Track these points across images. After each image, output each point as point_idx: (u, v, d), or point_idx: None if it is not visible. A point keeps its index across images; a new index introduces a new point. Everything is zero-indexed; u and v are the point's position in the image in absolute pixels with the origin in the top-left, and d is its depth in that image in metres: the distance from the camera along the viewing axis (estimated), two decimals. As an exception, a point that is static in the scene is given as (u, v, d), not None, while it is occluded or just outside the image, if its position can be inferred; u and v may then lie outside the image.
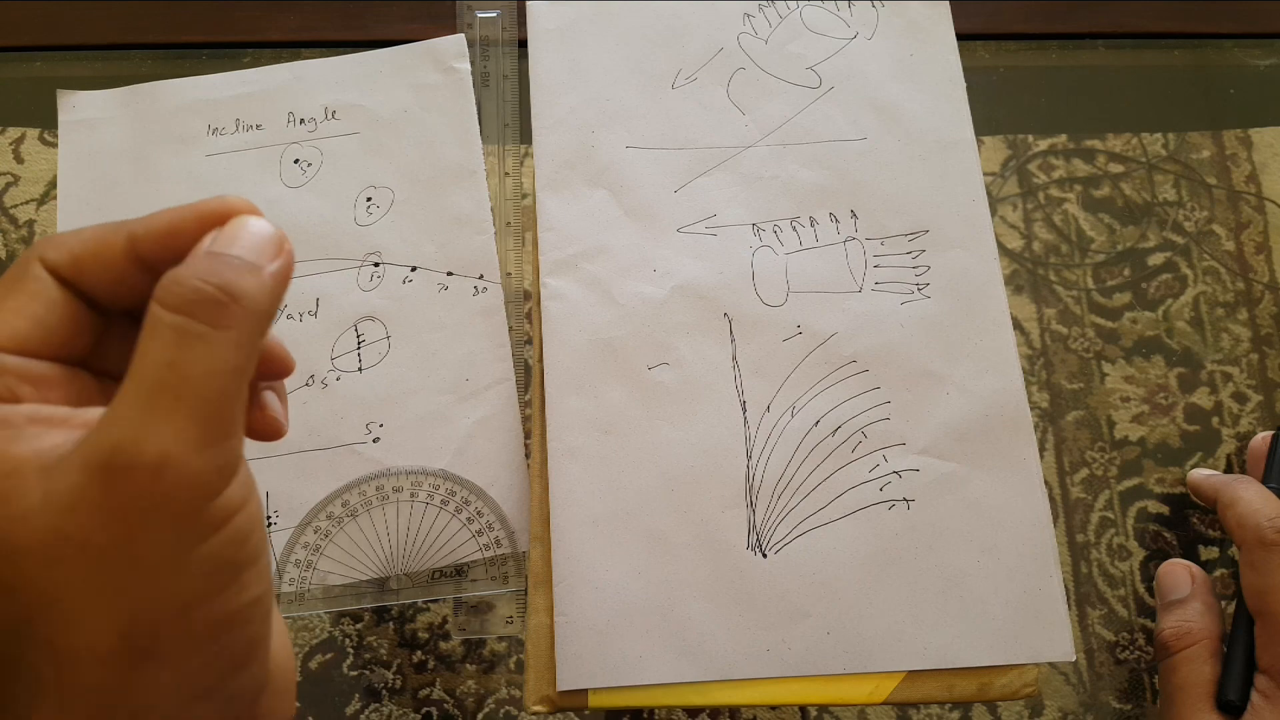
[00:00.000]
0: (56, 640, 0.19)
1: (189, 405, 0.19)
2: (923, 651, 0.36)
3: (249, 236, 0.23)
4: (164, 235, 0.23)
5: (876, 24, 0.46)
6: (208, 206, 0.23)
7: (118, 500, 0.19)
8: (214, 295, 0.21)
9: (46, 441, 0.20)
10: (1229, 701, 0.34)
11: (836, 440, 0.39)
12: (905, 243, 0.42)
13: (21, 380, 0.22)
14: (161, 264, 0.23)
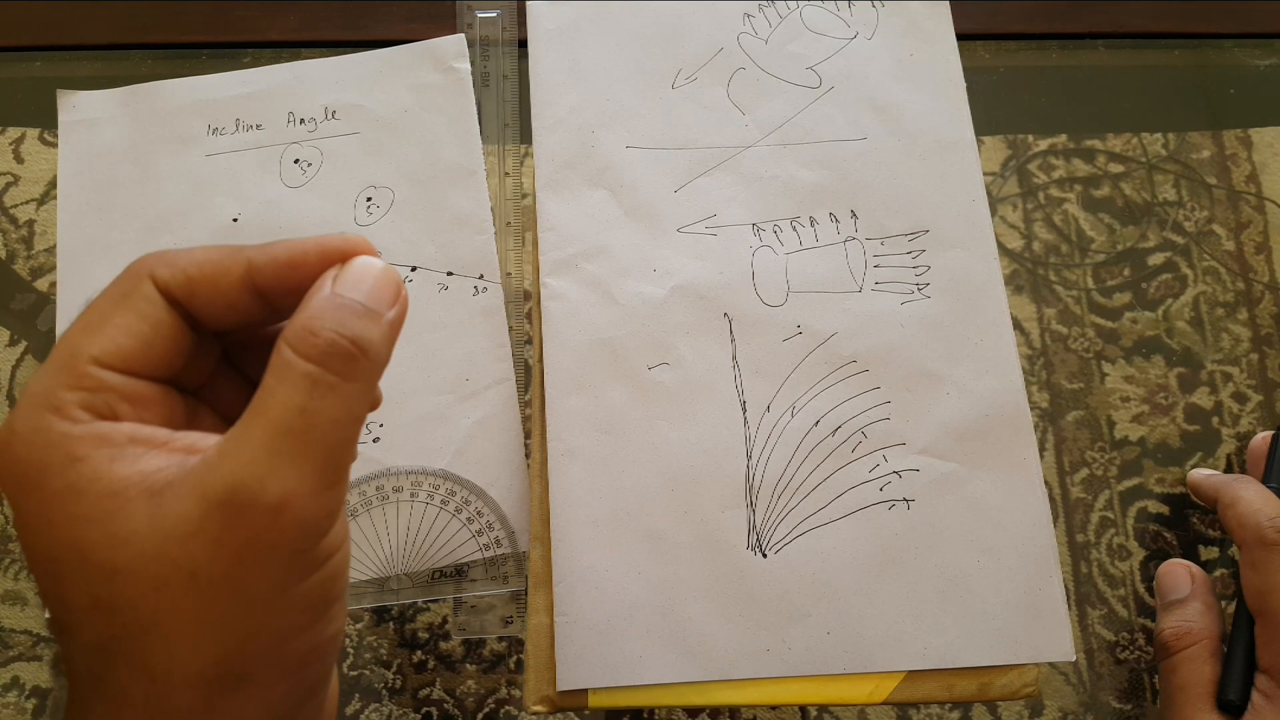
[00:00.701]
0: (151, 662, 0.20)
1: (313, 451, 0.20)
2: (923, 651, 0.36)
3: (372, 281, 0.23)
4: (284, 267, 0.23)
5: (876, 24, 0.46)
6: (330, 244, 0.23)
7: (235, 536, 0.20)
8: (348, 349, 0.21)
9: (149, 464, 0.21)
10: (1229, 701, 0.34)
11: (836, 440, 0.39)
12: (905, 243, 0.42)
13: (122, 399, 0.22)
14: (276, 295, 0.23)
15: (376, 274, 0.23)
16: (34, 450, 0.21)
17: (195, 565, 0.19)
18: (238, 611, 0.20)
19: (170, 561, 0.19)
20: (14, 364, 0.45)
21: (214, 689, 0.20)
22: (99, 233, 0.44)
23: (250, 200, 0.44)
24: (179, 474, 0.20)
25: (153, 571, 0.19)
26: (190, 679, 0.20)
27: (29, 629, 0.41)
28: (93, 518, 0.20)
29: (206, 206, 0.44)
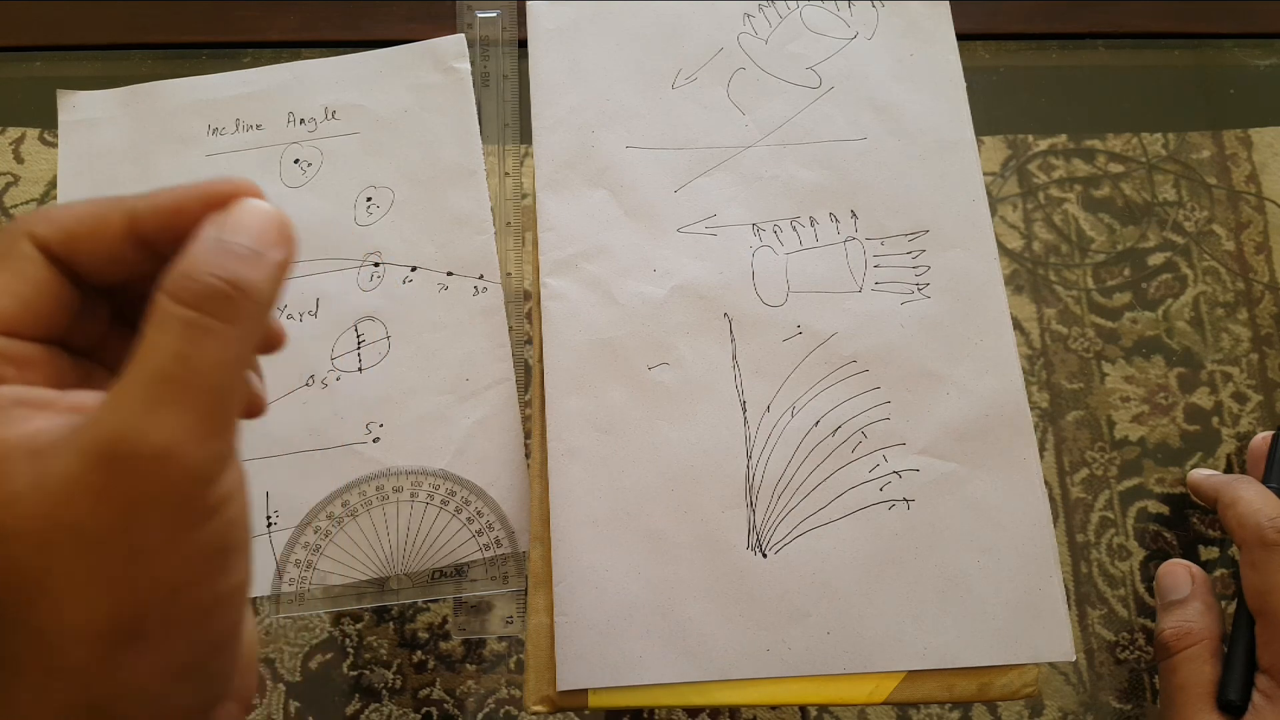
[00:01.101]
0: (41, 622, 0.19)
1: (194, 397, 0.20)
2: (923, 651, 0.36)
3: (254, 222, 0.22)
4: (167, 214, 0.23)
5: (876, 24, 0.46)
6: (213, 188, 0.23)
7: (117, 488, 0.19)
8: (225, 290, 0.21)
9: (33, 425, 0.20)
10: (1230, 701, 0.34)
11: (836, 440, 0.39)
12: (905, 243, 0.42)
13: (4, 361, 0.21)
14: (161, 244, 0.23)
15: (259, 214, 0.22)
16: None
17: (79, 521, 0.19)
18: (126, 565, 0.19)
19: (54, 520, 0.19)
20: (14, 364, 0.45)
21: (108, 645, 0.20)
22: (99, 233, 0.44)
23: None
24: (63, 433, 0.20)
25: (37, 531, 0.19)
26: (84, 637, 0.19)
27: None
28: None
29: (206, 206, 0.44)
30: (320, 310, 0.42)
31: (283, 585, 0.39)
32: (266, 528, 0.40)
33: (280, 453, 0.40)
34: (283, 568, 0.39)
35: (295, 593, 0.39)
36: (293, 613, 0.39)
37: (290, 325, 0.42)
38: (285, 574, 0.39)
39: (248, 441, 0.40)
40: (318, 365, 0.42)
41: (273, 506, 0.40)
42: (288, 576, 0.39)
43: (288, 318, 0.42)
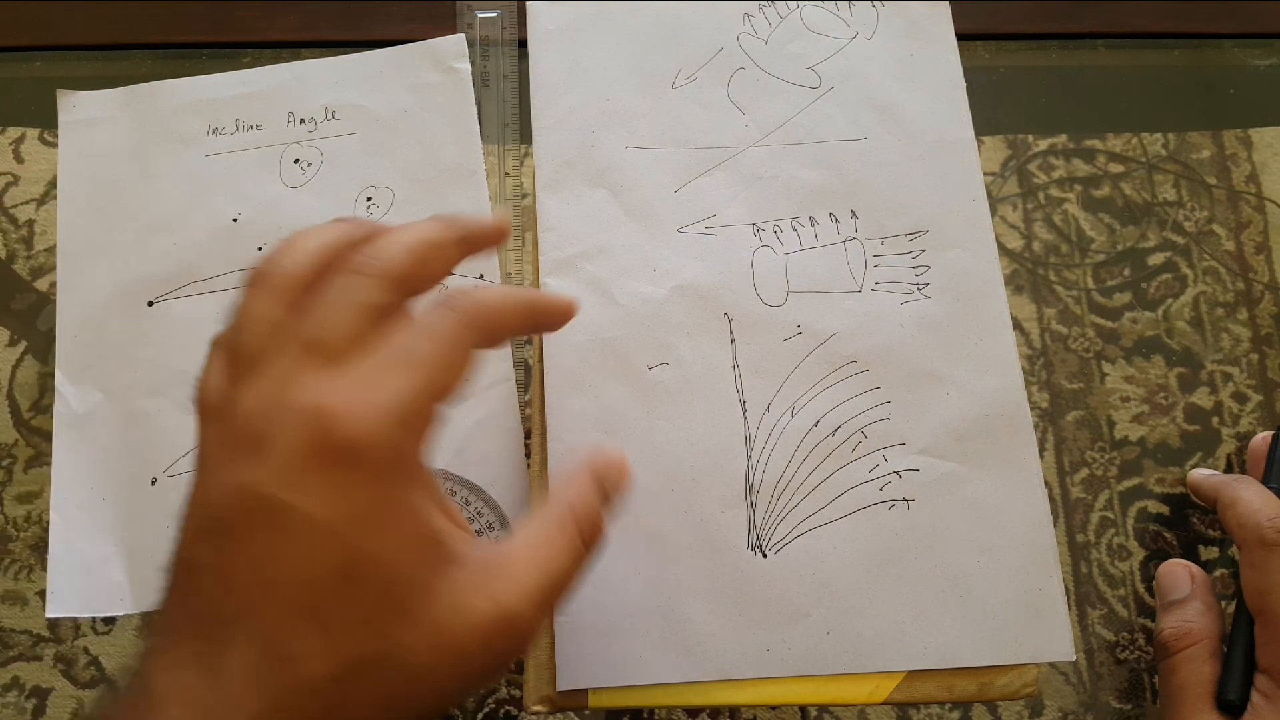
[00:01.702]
0: (387, 702, 0.25)
1: (561, 599, 0.28)
2: (922, 652, 0.36)
3: (625, 482, 0.31)
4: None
5: (876, 24, 0.46)
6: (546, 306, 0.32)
7: (497, 648, 0.26)
8: (601, 532, 0.29)
9: (456, 580, 0.26)
10: (1229, 701, 0.34)
11: (836, 440, 0.39)
12: (905, 243, 0.42)
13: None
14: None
15: (621, 469, 0.31)
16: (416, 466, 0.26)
17: (464, 655, 0.25)
18: (455, 696, 0.26)
19: (450, 647, 0.25)
20: (14, 364, 0.45)
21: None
22: (99, 233, 0.44)
23: (250, 200, 0.44)
24: (475, 597, 0.25)
25: (440, 661, 0.25)
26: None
27: (29, 629, 0.41)
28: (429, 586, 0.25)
29: (206, 207, 0.44)
30: (320, 310, 0.42)
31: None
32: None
33: (280, 453, 0.40)
34: (283, 568, 0.39)
35: (295, 593, 0.39)
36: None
37: (290, 325, 0.42)
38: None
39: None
40: (318, 365, 0.41)
41: (273, 506, 0.40)
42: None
43: (288, 318, 0.42)
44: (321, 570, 0.24)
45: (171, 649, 0.25)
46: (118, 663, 0.41)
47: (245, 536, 0.24)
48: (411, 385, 0.25)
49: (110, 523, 0.40)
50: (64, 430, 0.41)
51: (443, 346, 0.26)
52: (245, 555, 0.24)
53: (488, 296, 0.28)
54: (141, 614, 0.40)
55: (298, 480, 0.24)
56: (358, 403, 0.24)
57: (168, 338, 0.42)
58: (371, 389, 0.24)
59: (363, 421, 0.24)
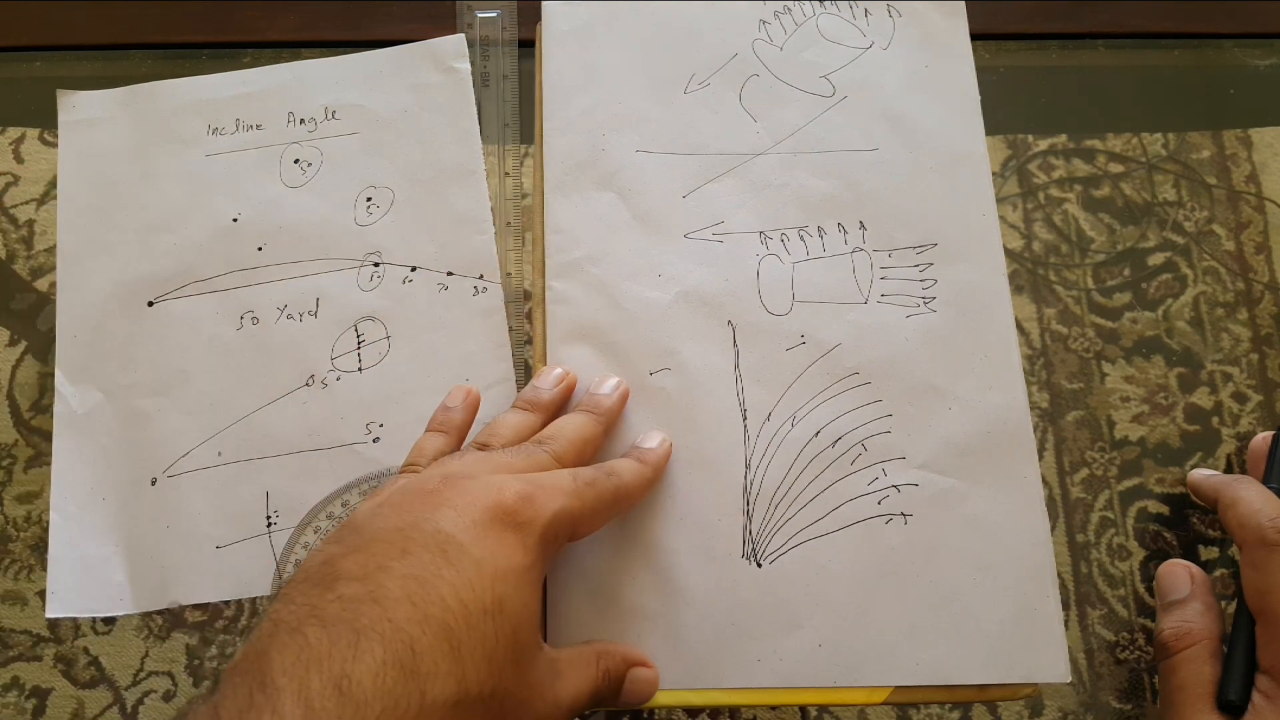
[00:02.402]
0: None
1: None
2: (915, 667, 0.36)
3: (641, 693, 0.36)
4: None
5: (893, 34, 0.45)
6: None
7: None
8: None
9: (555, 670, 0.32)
10: (1229, 702, 0.34)
11: (836, 452, 0.39)
12: (913, 255, 0.41)
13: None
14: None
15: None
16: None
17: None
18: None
19: (533, 710, 0.30)
20: (14, 364, 0.45)
21: None
22: (99, 232, 0.44)
23: (250, 200, 0.44)
24: (550, 673, 0.31)
25: (525, 701, 0.30)
26: None
27: (29, 629, 0.41)
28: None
29: (206, 206, 0.44)
30: (320, 310, 0.42)
31: (282, 585, 0.39)
32: (266, 528, 0.40)
33: (280, 453, 0.40)
34: (282, 568, 0.39)
35: (295, 593, 0.39)
36: (293, 613, 0.39)
37: (290, 325, 0.42)
38: (285, 574, 0.39)
39: (247, 441, 0.40)
40: (317, 365, 0.42)
41: (272, 506, 0.40)
42: (287, 576, 0.39)
43: (288, 317, 0.42)
44: (472, 603, 0.28)
45: (295, 648, 0.26)
46: (117, 662, 0.41)
47: (410, 556, 0.29)
48: (571, 509, 0.33)
49: (110, 523, 0.40)
50: (64, 430, 0.41)
51: (599, 500, 0.34)
52: (404, 572, 0.28)
53: (632, 479, 0.36)
54: (142, 614, 0.40)
55: (475, 530, 0.30)
56: (537, 497, 0.32)
57: (168, 338, 0.42)
58: (546, 493, 0.32)
59: (537, 510, 0.31)
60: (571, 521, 0.33)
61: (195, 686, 0.40)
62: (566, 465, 0.35)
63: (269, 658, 0.26)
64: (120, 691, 0.40)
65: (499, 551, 0.30)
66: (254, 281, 0.43)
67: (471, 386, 0.39)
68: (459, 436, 0.38)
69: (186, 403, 0.41)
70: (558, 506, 0.32)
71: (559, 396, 0.39)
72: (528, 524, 0.31)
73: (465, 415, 0.38)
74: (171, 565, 0.39)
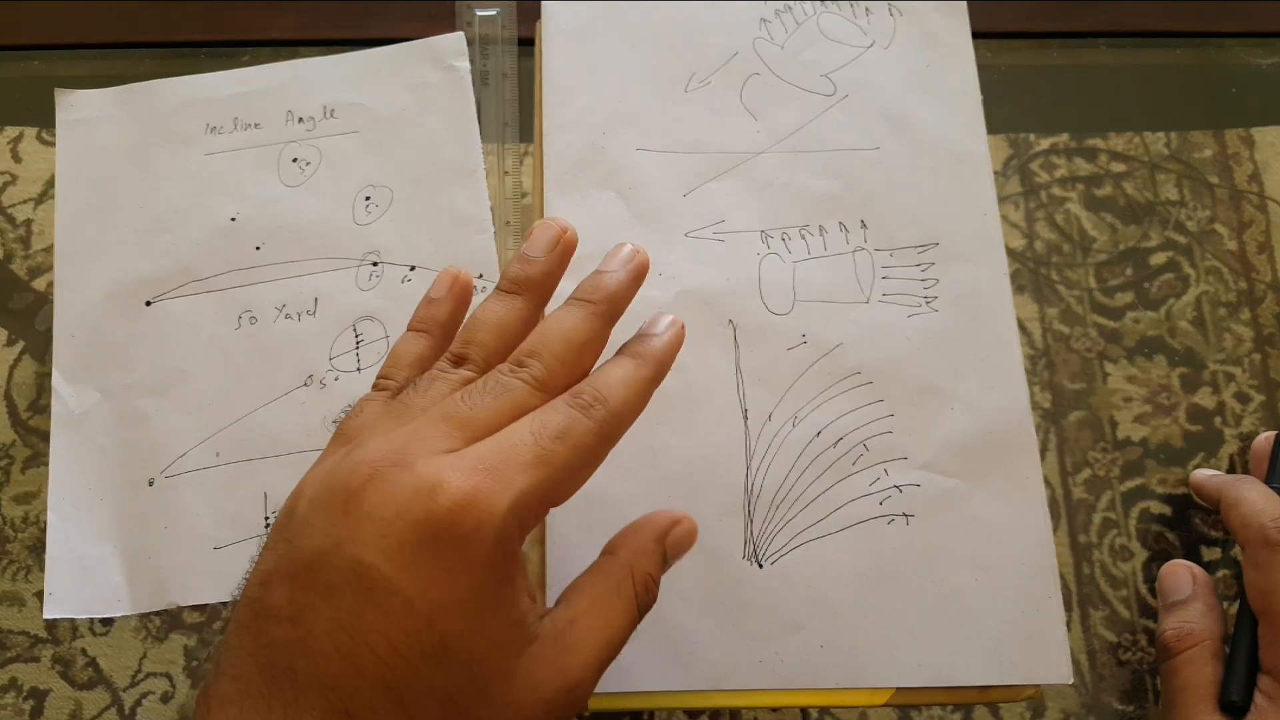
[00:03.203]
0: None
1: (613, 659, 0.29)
2: (916, 669, 0.36)
3: (684, 548, 0.32)
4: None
5: (894, 33, 0.45)
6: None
7: (563, 712, 0.27)
8: (655, 593, 0.31)
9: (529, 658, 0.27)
10: (1232, 703, 0.34)
11: (838, 452, 0.39)
12: (915, 255, 0.41)
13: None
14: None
15: (690, 538, 0.32)
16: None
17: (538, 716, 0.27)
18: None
19: (532, 704, 0.26)
20: (11, 364, 0.45)
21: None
22: (97, 232, 0.43)
23: (249, 199, 0.44)
24: (551, 675, 0.27)
25: (518, 700, 0.26)
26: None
27: (26, 630, 0.41)
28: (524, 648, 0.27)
29: (205, 206, 0.44)
30: (319, 310, 0.42)
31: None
32: (265, 528, 0.39)
33: (278, 453, 0.40)
34: (281, 568, 0.39)
35: (294, 594, 0.39)
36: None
37: (288, 325, 0.42)
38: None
39: (245, 441, 0.40)
40: (316, 365, 0.41)
41: (271, 507, 0.40)
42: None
43: (286, 317, 0.42)
44: (409, 650, 0.24)
45: (240, 702, 0.24)
46: (115, 664, 0.40)
47: (334, 598, 0.25)
48: (537, 485, 0.26)
49: (108, 523, 0.39)
50: (61, 430, 0.41)
51: (575, 454, 0.27)
52: (329, 616, 0.24)
53: (620, 402, 0.28)
54: (140, 615, 0.39)
55: (403, 557, 0.24)
56: (483, 494, 0.25)
57: (166, 337, 0.42)
58: (497, 480, 0.25)
59: (483, 515, 0.25)
60: (539, 499, 0.26)
61: (193, 688, 0.40)
62: (555, 392, 0.28)
63: (214, 706, 0.25)
64: (118, 693, 0.40)
65: (435, 582, 0.25)
66: (252, 281, 0.43)
67: (461, 270, 0.33)
68: (444, 336, 0.32)
69: (185, 403, 0.41)
70: (515, 493, 0.25)
71: (553, 267, 0.32)
72: (471, 534, 0.25)
73: (452, 308, 0.33)
74: (169, 566, 0.39)
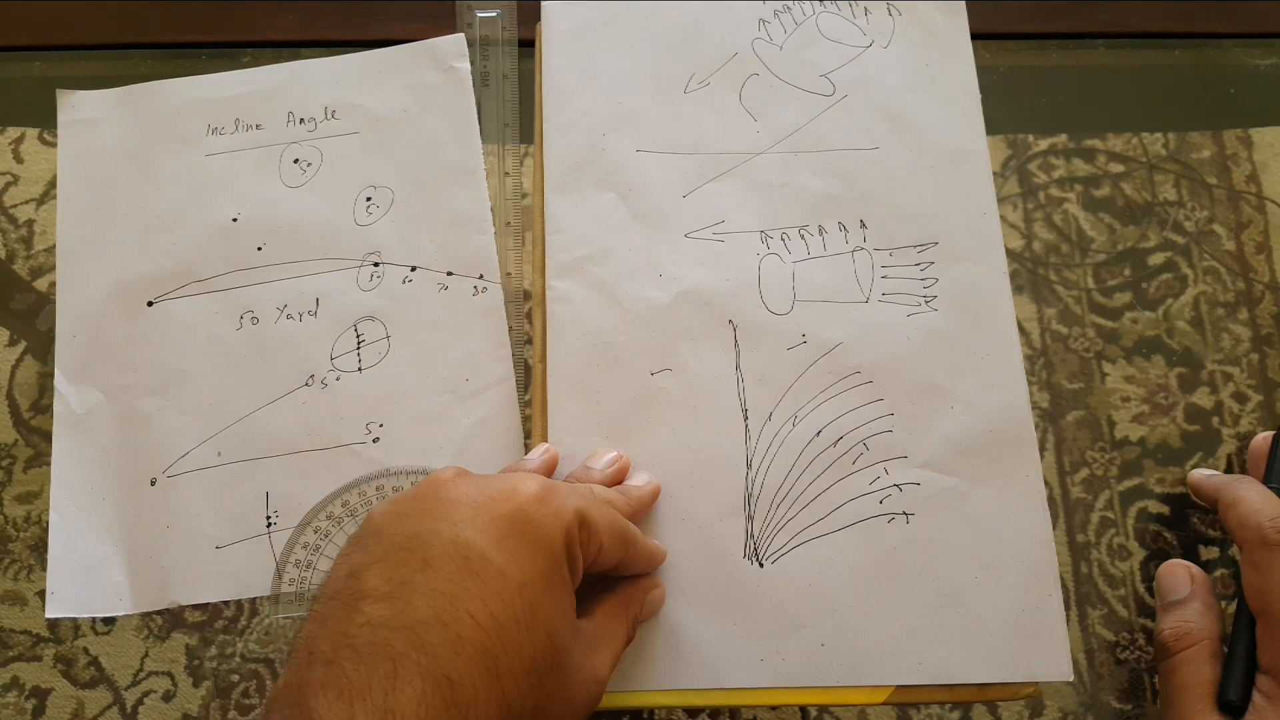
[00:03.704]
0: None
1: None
2: (917, 667, 0.36)
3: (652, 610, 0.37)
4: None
5: (893, 33, 0.45)
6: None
7: (587, 713, 0.31)
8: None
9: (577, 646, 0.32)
10: (1230, 702, 0.34)
11: (838, 451, 0.39)
12: (914, 254, 0.41)
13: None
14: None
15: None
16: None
17: (579, 712, 0.31)
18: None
19: (576, 705, 0.31)
20: (13, 364, 0.45)
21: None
22: (98, 232, 0.44)
23: (249, 200, 0.44)
24: (587, 651, 0.32)
25: (568, 699, 0.30)
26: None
27: (29, 629, 0.41)
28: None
29: (206, 206, 0.44)
30: (320, 310, 0.42)
31: (282, 585, 0.39)
32: (266, 528, 0.39)
33: (279, 453, 0.40)
34: (282, 568, 0.39)
35: (295, 593, 0.39)
36: (292, 613, 0.39)
37: (289, 325, 0.42)
38: (285, 574, 0.39)
39: (246, 441, 0.40)
40: (317, 365, 0.41)
41: (272, 507, 0.40)
42: (287, 577, 0.39)
43: (287, 317, 0.42)
44: (504, 615, 0.28)
45: (339, 685, 0.25)
46: (117, 662, 0.40)
47: (433, 570, 0.28)
48: (586, 509, 0.32)
49: (110, 523, 0.40)
50: (63, 430, 0.41)
51: (607, 518, 0.33)
52: (430, 587, 0.27)
53: (638, 504, 0.37)
54: (141, 614, 0.40)
55: (495, 531, 0.29)
56: (553, 495, 0.31)
57: (167, 338, 0.42)
58: (559, 494, 0.31)
59: (555, 509, 0.30)
60: (589, 528, 0.32)
61: (195, 687, 0.40)
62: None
63: (309, 692, 0.25)
64: (120, 692, 0.40)
65: (523, 556, 0.29)
66: (253, 281, 0.43)
67: (552, 448, 0.39)
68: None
69: (186, 403, 0.41)
70: (576, 505, 0.31)
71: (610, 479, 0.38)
72: (547, 522, 0.30)
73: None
74: (171, 565, 0.39)
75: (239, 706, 0.40)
